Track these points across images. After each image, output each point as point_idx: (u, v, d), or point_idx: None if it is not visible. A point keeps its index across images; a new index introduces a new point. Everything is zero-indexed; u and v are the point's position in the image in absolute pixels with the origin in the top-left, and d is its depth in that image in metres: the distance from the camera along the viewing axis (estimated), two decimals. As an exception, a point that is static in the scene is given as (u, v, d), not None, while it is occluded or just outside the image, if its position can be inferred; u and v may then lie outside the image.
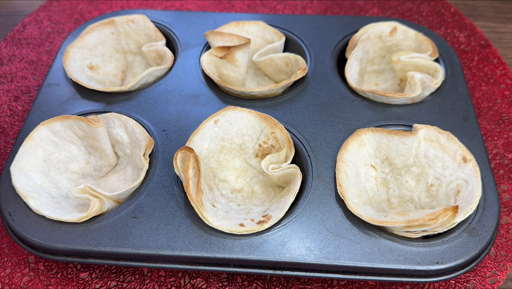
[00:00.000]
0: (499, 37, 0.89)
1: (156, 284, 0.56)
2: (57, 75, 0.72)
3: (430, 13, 0.94)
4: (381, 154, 0.61)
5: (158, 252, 0.51)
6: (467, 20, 0.92)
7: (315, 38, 0.76)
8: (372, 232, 0.53)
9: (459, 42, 0.87)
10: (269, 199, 0.60)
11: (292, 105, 0.66)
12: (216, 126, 0.61)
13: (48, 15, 0.94)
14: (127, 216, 0.54)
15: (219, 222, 0.53)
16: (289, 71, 0.72)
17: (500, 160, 0.68)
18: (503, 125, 0.73)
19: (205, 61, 0.70)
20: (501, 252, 0.58)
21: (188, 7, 0.96)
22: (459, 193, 0.55)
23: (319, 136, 0.62)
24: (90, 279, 0.57)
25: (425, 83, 0.65)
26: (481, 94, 0.77)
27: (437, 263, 0.50)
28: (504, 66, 0.82)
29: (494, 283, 0.56)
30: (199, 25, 0.79)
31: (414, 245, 0.51)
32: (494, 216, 0.54)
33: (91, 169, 0.62)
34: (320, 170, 0.58)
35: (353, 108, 0.66)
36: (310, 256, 0.51)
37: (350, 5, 0.96)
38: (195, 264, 0.53)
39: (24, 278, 0.57)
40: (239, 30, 0.75)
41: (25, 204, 0.55)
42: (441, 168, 0.58)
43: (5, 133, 0.73)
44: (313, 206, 0.55)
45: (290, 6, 0.95)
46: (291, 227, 0.53)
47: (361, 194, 0.57)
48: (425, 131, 0.60)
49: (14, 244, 0.60)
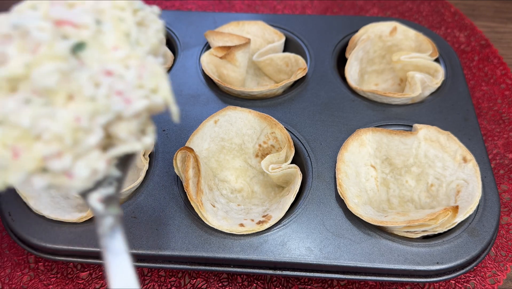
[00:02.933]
0: (499, 37, 0.89)
1: (156, 284, 0.56)
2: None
3: (430, 13, 0.94)
4: (381, 154, 0.61)
5: (158, 252, 0.51)
6: (467, 20, 0.92)
7: (315, 38, 0.76)
8: (372, 232, 0.52)
9: (459, 42, 0.87)
10: (269, 199, 0.60)
11: (292, 105, 0.66)
12: (216, 126, 0.61)
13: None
14: (127, 216, 0.54)
15: (219, 222, 0.53)
16: (289, 71, 0.72)
17: (500, 160, 0.68)
18: (503, 125, 0.73)
19: (205, 61, 0.70)
20: (501, 252, 0.58)
21: (188, 7, 0.96)
22: (459, 193, 0.55)
23: (319, 136, 0.62)
24: (90, 279, 0.57)
25: (425, 83, 0.65)
26: (481, 94, 0.77)
27: (437, 263, 0.50)
28: (504, 66, 0.82)
29: (494, 283, 0.56)
30: (199, 25, 0.79)
31: (414, 245, 0.51)
32: (494, 216, 0.54)
33: (91, 169, 0.62)
34: (320, 170, 0.58)
35: (353, 108, 0.66)
36: (310, 256, 0.51)
37: (350, 5, 0.96)
38: (195, 264, 0.53)
39: (24, 277, 0.57)
40: (239, 30, 0.75)
41: (25, 204, 0.55)
42: (441, 168, 0.58)
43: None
44: (313, 206, 0.55)
45: (290, 6, 0.95)
46: (291, 227, 0.53)
47: (361, 194, 0.57)
48: (425, 131, 0.60)
49: (14, 244, 0.60)
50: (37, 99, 0.29)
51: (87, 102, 0.30)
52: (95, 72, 0.31)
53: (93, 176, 0.31)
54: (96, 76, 0.31)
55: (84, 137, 0.30)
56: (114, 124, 0.32)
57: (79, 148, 0.30)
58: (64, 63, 0.29)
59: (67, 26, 0.31)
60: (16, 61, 0.29)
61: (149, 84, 0.32)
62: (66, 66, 0.29)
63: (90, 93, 0.30)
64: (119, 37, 0.33)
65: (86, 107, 0.30)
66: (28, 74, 0.29)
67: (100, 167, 0.31)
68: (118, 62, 0.32)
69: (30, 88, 0.29)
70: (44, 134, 0.29)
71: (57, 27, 0.31)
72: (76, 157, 0.30)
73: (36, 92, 0.29)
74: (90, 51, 0.31)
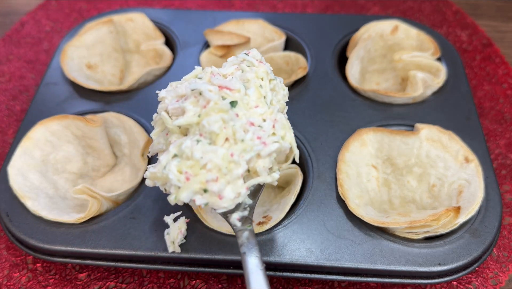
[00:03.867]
0: (501, 36, 0.89)
1: (155, 285, 0.56)
2: (55, 74, 0.71)
3: (431, 11, 0.93)
4: (383, 154, 0.60)
5: (157, 253, 0.51)
6: (469, 19, 0.91)
7: (315, 37, 0.75)
8: (373, 233, 0.52)
9: (461, 41, 0.87)
10: (270, 199, 0.59)
11: (293, 105, 0.65)
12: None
13: (47, 14, 0.93)
14: (126, 217, 0.54)
15: (219, 223, 0.52)
16: (289, 70, 0.72)
17: (502, 160, 0.68)
18: (505, 125, 0.72)
19: (204, 60, 0.69)
20: (503, 253, 0.58)
21: (188, 5, 0.95)
22: (461, 194, 0.55)
23: (319, 136, 0.61)
24: (89, 280, 0.56)
25: (427, 83, 0.64)
26: (483, 94, 0.77)
27: (439, 264, 0.50)
28: (506, 65, 0.81)
29: (496, 284, 0.55)
30: (198, 24, 0.78)
31: (416, 246, 0.51)
32: (496, 216, 0.53)
33: (89, 169, 0.61)
34: (321, 170, 0.58)
35: (354, 108, 0.65)
36: (311, 257, 0.50)
37: (351, 4, 0.95)
38: (194, 265, 0.52)
39: (23, 278, 0.56)
40: (239, 29, 0.75)
41: (23, 204, 0.54)
42: (443, 168, 0.57)
43: (3, 133, 0.72)
44: (313, 206, 0.54)
45: (290, 4, 0.95)
46: (292, 228, 0.52)
47: (362, 194, 0.56)
48: (427, 131, 0.59)
49: (12, 245, 0.59)
50: (204, 140, 0.41)
51: (238, 143, 0.42)
52: (243, 123, 0.42)
53: (236, 199, 0.42)
54: (244, 126, 0.43)
55: (235, 169, 0.41)
56: (254, 161, 0.43)
57: (230, 176, 0.41)
58: (225, 114, 0.41)
59: (226, 90, 0.43)
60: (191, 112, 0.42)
61: (280, 133, 0.44)
62: (227, 116, 0.41)
63: (241, 137, 0.42)
64: (259, 98, 0.45)
65: (237, 147, 0.41)
66: (199, 122, 0.42)
67: (242, 191, 0.42)
68: (259, 116, 0.44)
69: (198, 132, 0.42)
70: (208, 164, 0.40)
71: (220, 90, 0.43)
72: (227, 184, 0.41)
73: (202, 135, 0.41)
74: (239, 108, 0.43)
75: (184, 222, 0.51)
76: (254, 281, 0.40)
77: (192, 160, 0.40)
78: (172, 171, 0.40)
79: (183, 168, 0.40)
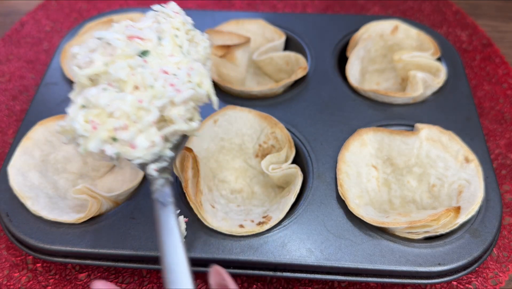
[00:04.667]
0: (501, 36, 0.89)
1: (155, 285, 0.56)
2: (55, 74, 0.71)
3: (431, 11, 0.93)
4: (383, 154, 0.60)
5: (157, 253, 0.51)
6: (469, 19, 0.91)
7: (315, 37, 0.75)
8: (373, 233, 0.52)
9: (461, 41, 0.87)
10: (269, 199, 0.59)
11: (293, 105, 0.65)
12: (216, 126, 0.61)
13: (47, 14, 0.93)
14: (126, 217, 0.54)
15: (218, 223, 0.52)
16: (289, 70, 0.72)
17: (502, 160, 0.68)
18: (505, 125, 0.72)
19: (204, 60, 0.69)
20: (503, 253, 0.58)
21: (187, 5, 0.95)
22: (461, 194, 0.55)
23: (319, 136, 0.61)
24: (89, 280, 0.56)
25: (427, 83, 0.64)
26: (483, 94, 0.77)
27: (439, 264, 0.50)
28: (506, 65, 0.81)
29: (496, 284, 0.55)
30: (198, 24, 0.78)
31: (416, 246, 0.51)
32: (496, 216, 0.53)
33: (89, 169, 0.61)
34: (321, 170, 0.58)
35: (354, 108, 0.65)
36: (311, 258, 0.50)
37: (351, 4, 0.95)
38: (194, 265, 0.52)
39: (22, 279, 0.56)
40: (238, 29, 0.75)
41: (23, 204, 0.54)
42: (443, 168, 0.57)
43: (3, 133, 0.72)
44: (313, 206, 0.54)
45: (290, 4, 0.95)
46: (292, 228, 0.52)
47: (362, 194, 0.56)
48: (427, 131, 0.59)
49: (12, 245, 0.59)
50: (112, 88, 0.40)
51: (148, 90, 0.40)
52: (155, 70, 0.42)
53: (151, 148, 0.41)
54: (156, 73, 0.42)
55: (145, 116, 0.40)
56: (168, 109, 0.42)
57: (141, 124, 0.40)
58: (132, 60, 0.41)
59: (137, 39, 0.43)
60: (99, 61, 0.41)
61: (195, 80, 0.43)
62: (133, 62, 0.40)
63: (150, 83, 0.41)
64: (174, 48, 0.44)
65: (147, 93, 0.40)
66: (106, 70, 0.41)
67: (157, 140, 0.40)
68: (173, 65, 0.43)
69: (106, 81, 0.41)
70: (115, 112, 0.39)
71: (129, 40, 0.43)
72: (139, 132, 0.40)
73: (111, 84, 0.41)
74: (152, 57, 0.43)
75: (183, 222, 0.51)
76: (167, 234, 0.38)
77: (98, 108, 0.39)
78: (78, 121, 0.39)
79: (89, 117, 0.39)
